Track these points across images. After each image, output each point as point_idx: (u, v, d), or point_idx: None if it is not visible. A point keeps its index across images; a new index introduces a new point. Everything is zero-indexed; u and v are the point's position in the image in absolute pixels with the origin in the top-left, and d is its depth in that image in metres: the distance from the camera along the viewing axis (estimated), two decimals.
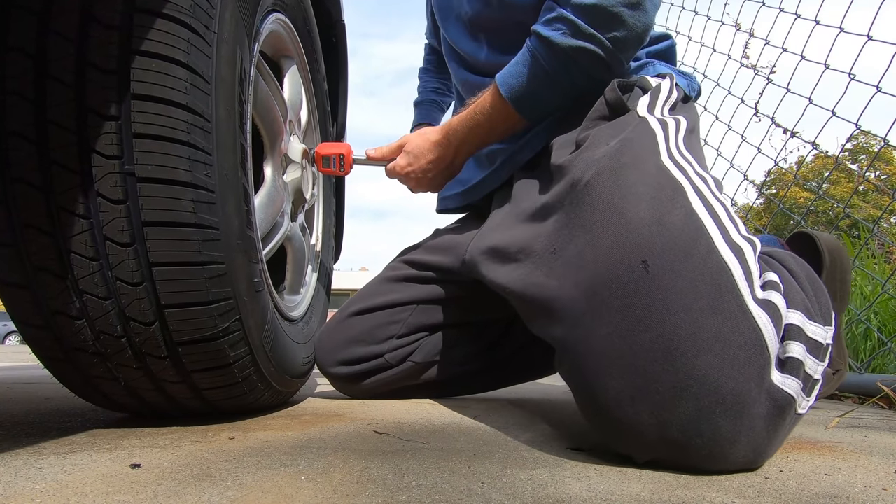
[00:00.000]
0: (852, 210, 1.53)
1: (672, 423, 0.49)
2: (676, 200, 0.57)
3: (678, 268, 0.51)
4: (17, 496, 0.40)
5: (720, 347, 0.48)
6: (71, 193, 0.53)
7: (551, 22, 0.79)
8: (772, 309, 0.51)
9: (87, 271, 0.55)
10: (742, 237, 0.56)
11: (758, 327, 0.50)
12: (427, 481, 0.45)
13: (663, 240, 0.53)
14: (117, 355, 0.59)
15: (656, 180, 0.59)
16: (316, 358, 0.99)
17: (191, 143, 0.54)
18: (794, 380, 0.51)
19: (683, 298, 0.50)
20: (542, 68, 0.80)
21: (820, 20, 1.44)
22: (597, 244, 0.57)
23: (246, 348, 0.64)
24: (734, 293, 0.50)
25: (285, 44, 0.95)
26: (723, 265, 0.52)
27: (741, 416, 0.48)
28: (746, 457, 0.49)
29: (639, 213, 0.56)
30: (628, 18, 0.77)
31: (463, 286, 0.97)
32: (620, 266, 0.53)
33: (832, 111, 1.39)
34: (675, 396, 0.48)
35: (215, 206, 0.57)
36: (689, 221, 0.55)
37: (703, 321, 0.49)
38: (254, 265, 0.66)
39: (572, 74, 0.80)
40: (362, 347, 0.96)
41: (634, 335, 0.51)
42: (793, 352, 0.52)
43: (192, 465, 0.49)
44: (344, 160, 1.02)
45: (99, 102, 0.52)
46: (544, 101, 0.84)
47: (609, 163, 0.62)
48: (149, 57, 0.52)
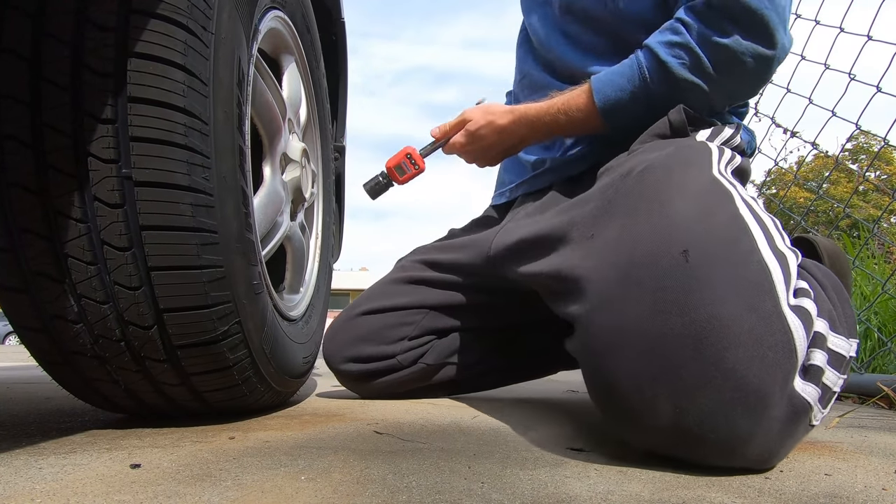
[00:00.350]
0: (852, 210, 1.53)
1: (689, 412, 0.48)
2: (724, 204, 0.56)
3: (718, 262, 0.51)
4: (17, 496, 0.40)
5: (752, 345, 0.47)
6: (68, 198, 0.53)
7: (672, 46, 0.76)
8: (804, 315, 0.51)
9: (84, 275, 0.54)
10: (787, 247, 0.56)
11: (790, 331, 0.49)
12: (427, 481, 0.45)
13: (706, 234, 0.52)
14: (116, 359, 0.59)
15: (706, 185, 0.58)
16: (324, 354, 1.00)
17: (188, 146, 0.54)
18: (814, 387, 0.50)
19: (722, 290, 0.49)
20: (647, 88, 0.78)
21: (820, 20, 1.44)
22: (636, 230, 0.56)
23: (245, 350, 0.64)
24: (772, 295, 0.50)
25: (284, 41, 0.94)
26: (764, 266, 0.51)
27: (760, 417, 0.47)
28: (758, 457, 0.49)
29: (684, 208, 0.55)
30: (751, 71, 0.75)
31: (478, 292, 0.98)
32: (660, 251, 0.53)
33: (832, 111, 1.38)
34: (697, 385, 0.48)
35: (214, 210, 0.57)
36: (735, 223, 0.54)
37: (739, 316, 0.48)
38: (253, 267, 0.65)
39: (673, 102, 0.78)
40: (372, 346, 0.97)
41: (665, 318, 0.49)
42: (815, 359, 0.52)
43: (192, 465, 0.49)
44: (413, 158, 1.00)
45: (95, 105, 0.52)
46: (633, 117, 0.81)
47: (662, 160, 0.62)
48: (145, 59, 0.52)
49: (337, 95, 1.36)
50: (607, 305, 0.54)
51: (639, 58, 0.79)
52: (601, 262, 0.58)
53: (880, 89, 1.24)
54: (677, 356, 0.48)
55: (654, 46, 0.78)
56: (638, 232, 0.56)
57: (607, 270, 0.56)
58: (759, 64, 0.75)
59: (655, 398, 0.49)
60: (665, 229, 0.54)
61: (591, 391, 0.57)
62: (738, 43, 0.73)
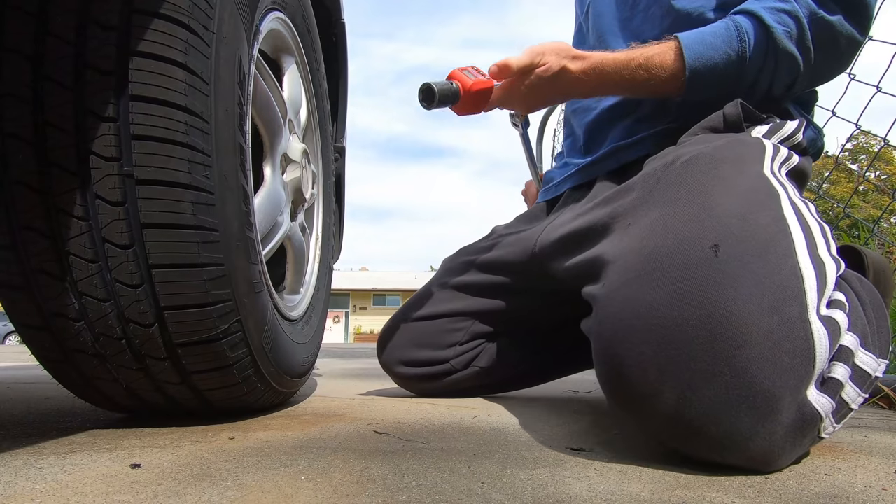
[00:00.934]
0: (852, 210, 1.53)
1: (693, 403, 0.48)
2: (768, 204, 0.55)
3: (749, 261, 0.50)
4: (17, 496, 0.40)
5: (768, 347, 0.47)
6: (69, 195, 0.53)
7: (779, 12, 0.73)
8: (833, 326, 0.50)
9: (86, 273, 0.54)
10: (829, 255, 0.55)
11: (812, 339, 0.48)
12: (427, 481, 0.45)
13: (742, 232, 0.51)
14: (117, 357, 0.59)
15: (754, 182, 0.57)
16: (379, 357, 1.05)
17: (190, 144, 0.54)
18: (828, 400, 0.50)
19: (745, 289, 0.48)
20: (743, 53, 0.74)
21: None
22: (672, 219, 0.55)
23: (246, 349, 0.64)
24: (799, 301, 0.49)
25: (285, 42, 0.95)
26: (797, 272, 0.50)
27: (765, 419, 0.47)
28: (757, 458, 0.48)
29: (725, 203, 0.54)
30: (844, 53, 0.75)
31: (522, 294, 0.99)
32: (689, 242, 0.52)
33: (832, 111, 1.39)
34: (705, 378, 0.47)
35: (214, 208, 0.57)
36: (776, 224, 0.53)
37: (758, 316, 0.47)
38: (253, 266, 0.66)
39: (759, 72, 0.75)
40: (427, 351, 1.01)
41: (683, 308, 0.49)
42: (836, 373, 0.51)
43: (192, 465, 0.49)
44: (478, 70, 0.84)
45: (97, 104, 0.52)
46: (715, 82, 0.77)
47: (710, 152, 0.60)
48: (147, 58, 0.52)
49: (337, 96, 1.37)
50: (626, 287, 0.54)
51: (736, 21, 0.75)
52: (629, 247, 0.57)
53: (880, 89, 1.24)
54: (689, 347, 0.48)
55: (757, 10, 0.74)
56: (673, 220, 0.55)
57: (633, 255, 0.55)
58: (850, 48, 0.74)
59: (661, 386, 0.49)
60: (700, 221, 0.53)
61: (598, 372, 0.57)
62: (841, 23, 0.72)
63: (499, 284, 1.01)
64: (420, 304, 1.06)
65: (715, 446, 0.48)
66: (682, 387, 0.48)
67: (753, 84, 0.77)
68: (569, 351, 1.07)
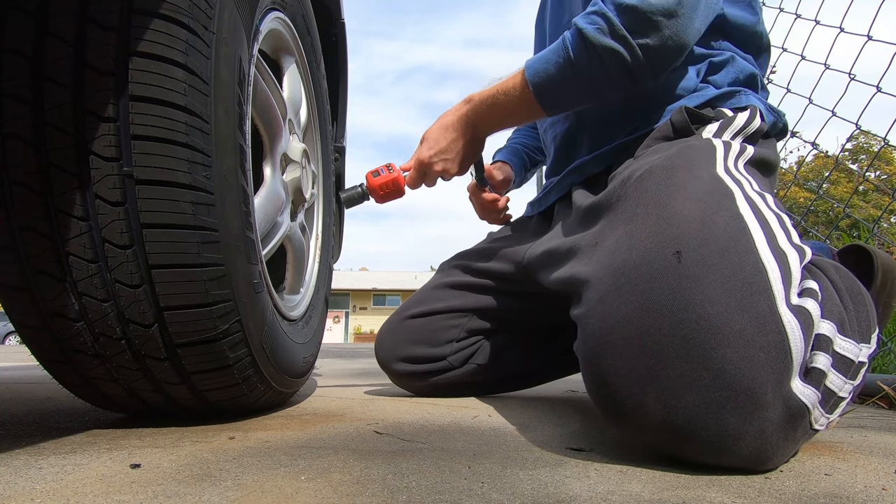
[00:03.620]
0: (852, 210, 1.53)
1: (678, 410, 0.48)
2: (724, 204, 0.56)
3: (712, 262, 0.51)
4: (17, 496, 0.40)
5: (742, 345, 0.47)
6: (69, 196, 0.53)
7: (588, 15, 0.79)
8: (804, 315, 0.50)
9: (85, 273, 0.54)
10: (791, 244, 0.55)
11: (784, 332, 0.49)
12: (427, 481, 0.45)
13: (702, 235, 0.53)
14: (117, 357, 0.59)
15: (707, 185, 0.59)
16: (377, 355, 1.06)
17: (189, 144, 0.54)
18: (812, 390, 0.50)
19: (711, 291, 0.49)
20: (570, 59, 0.80)
21: (820, 20, 1.44)
22: (634, 233, 0.57)
23: (246, 349, 0.64)
24: (766, 295, 0.49)
25: (285, 42, 0.95)
26: (759, 266, 0.51)
27: (751, 417, 0.47)
28: (751, 457, 0.48)
29: (682, 210, 0.56)
30: (664, 28, 0.76)
31: (516, 296, 1.02)
32: (653, 253, 0.53)
33: (832, 111, 1.39)
34: (685, 384, 0.48)
35: (214, 208, 0.57)
36: (733, 223, 0.54)
37: (728, 316, 0.48)
38: (253, 266, 0.66)
39: (595, 73, 0.79)
40: (424, 348, 1.02)
41: (654, 318, 0.50)
42: (817, 362, 0.51)
43: (192, 465, 0.49)
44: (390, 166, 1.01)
45: (97, 104, 0.52)
46: (564, 95, 0.84)
47: (662, 163, 0.63)
48: (147, 58, 0.52)
49: (337, 96, 1.37)
50: (601, 306, 0.55)
51: (564, 34, 0.82)
52: (600, 265, 0.59)
53: (880, 89, 1.24)
54: (665, 355, 0.49)
55: (575, 20, 0.80)
56: (636, 235, 0.57)
57: (604, 273, 0.58)
58: (670, 18, 0.75)
59: (645, 396, 0.50)
60: (660, 231, 0.55)
61: (588, 390, 0.58)
62: (645, 3, 0.75)
63: (493, 287, 1.04)
64: (417, 303, 1.07)
65: (707, 449, 0.49)
66: (666, 395, 0.49)
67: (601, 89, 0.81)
68: (567, 353, 1.08)
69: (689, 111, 0.76)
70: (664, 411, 0.49)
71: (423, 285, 1.14)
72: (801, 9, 1.53)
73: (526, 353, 1.07)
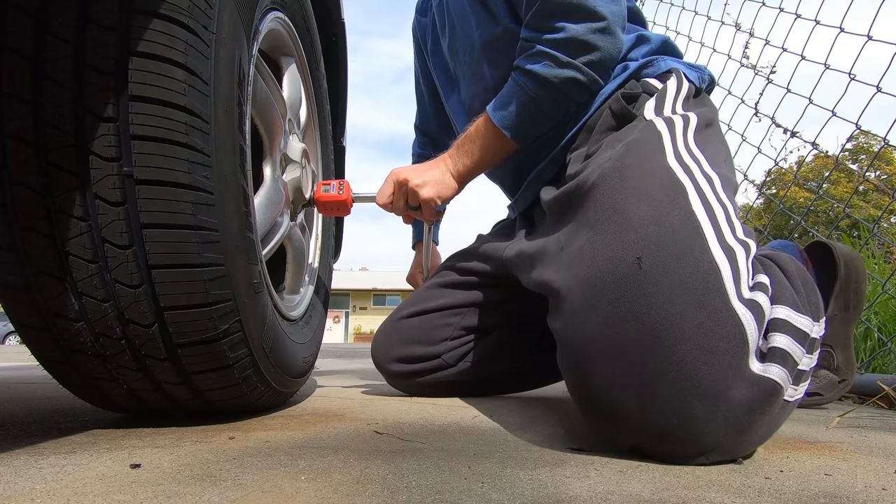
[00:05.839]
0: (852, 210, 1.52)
1: (652, 406, 0.52)
2: (677, 201, 0.60)
3: (670, 265, 0.55)
4: (17, 496, 0.40)
5: (701, 338, 0.52)
6: (69, 196, 0.53)
7: (532, 57, 0.85)
8: (755, 308, 0.55)
9: (85, 273, 0.54)
10: (737, 240, 0.60)
11: (740, 323, 0.53)
12: (427, 481, 0.45)
13: (659, 239, 0.57)
14: (117, 357, 0.59)
15: (659, 180, 0.62)
16: (373, 357, 1.07)
17: (189, 144, 0.54)
18: (778, 367, 0.54)
19: (670, 293, 0.54)
20: (530, 97, 0.87)
21: (820, 20, 1.44)
22: (596, 241, 0.61)
23: (246, 349, 0.64)
24: (720, 292, 0.54)
25: (284, 42, 0.95)
26: (713, 266, 0.55)
27: (717, 401, 0.51)
28: (723, 442, 0.52)
29: (639, 213, 0.59)
30: (599, 42, 0.82)
31: (504, 289, 1.02)
32: (616, 261, 0.57)
33: (832, 111, 1.39)
34: (655, 381, 0.52)
35: (214, 208, 0.57)
36: (687, 222, 0.58)
37: (686, 314, 0.52)
38: (253, 266, 0.65)
39: (556, 100, 0.86)
40: (420, 347, 1.03)
41: (622, 324, 0.54)
42: (777, 342, 0.56)
43: (192, 465, 0.49)
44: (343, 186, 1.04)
45: (97, 104, 0.52)
46: (536, 127, 0.90)
47: (613, 165, 0.66)
48: (147, 58, 0.52)
49: (337, 95, 1.37)
50: (575, 319, 0.59)
51: (513, 77, 0.89)
52: (569, 274, 0.63)
53: (880, 89, 1.24)
54: (635, 357, 0.53)
55: (519, 64, 0.88)
56: (598, 243, 0.61)
57: (573, 283, 0.61)
58: (603, 34, 0.82)
59: (622, 398, 0.54)
60: (620, 238, 0.59)
61: (573, 398, 0.62)
62: (572, 30, 0.82)
63: (479, 283, 1.05)
64: (411, 304, 1.08)
65: (684, 440, 0.52)
66: (640, 393, 0.53)
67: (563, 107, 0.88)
68: None
69: (625, 94, 0.81)
70: (640, 408, 0.53)
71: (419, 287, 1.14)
72: (801, 9, 1.53)
73: (521, 352, 1.07)
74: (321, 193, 1.03)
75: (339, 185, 1.04)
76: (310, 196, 1.04)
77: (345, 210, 1.06)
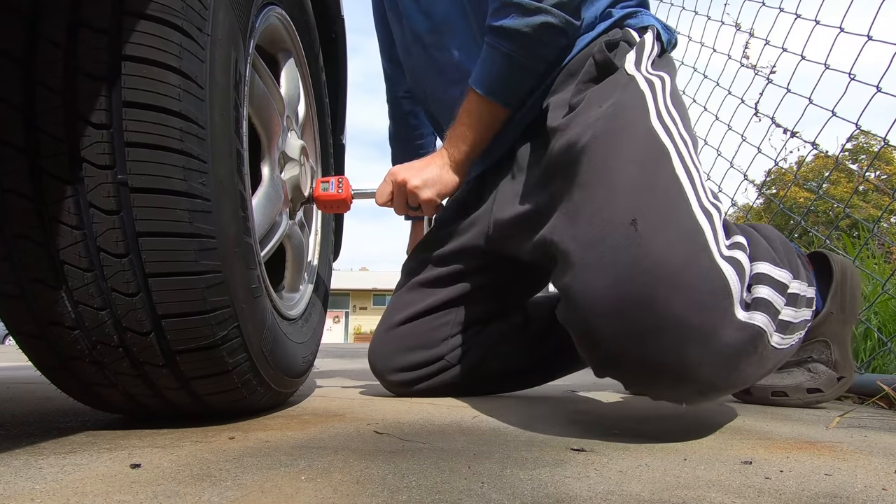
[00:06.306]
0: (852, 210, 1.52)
1: (651, 354, 0.59)
2: (663, 164, 0.65)
3: (661, 225, 0.60)
4: (17, 496, 0.40)
5: (692, 293, 0.58)
6: (63, 204, 0.52)
7: (499, 13, 0.83)
8: (736, 264, 0.61)
9: (81, 282, 0.54)
10: (711, 203, 0.65)
11: (725, 277, 0.59)
12: (427, 481, 0.45)
13: (652, 200, 0.62)
14: (115, 364, 0.58)
15: (646, 143, 0.67)
16: (372, 369, 1.04)
17: (185, 151, 0.53)
18: (761, 314, 0.61)
19: (665, 254, 0.58)
20: (506, 55, 0.84)
21: (820, 20, 1.44)
22: (591, 202, 0.65)
23: (244, 354, 0.63)
24: (706, 251, 0.60)
25: (282, 38, 0.93)
26: (698, 226, 0.61)
27: (707, 344, 0.57)
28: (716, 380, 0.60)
29: (629, 176, 0.64)
30: None
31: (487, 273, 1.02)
32: (613, 225, 0.62)
33: (832, 111, 1.38)
34: (653, 333, 0.58)
35: (211, 215, 0.56)
36: (674, 185, 0.64)
37: (680, 274, 0.58)
38: (251, 271, 0.65)
39: (534, 51, 0.84)
40: (421, 353, 1.01)
41: (623, 286, 0.59)
42: (759, 293, 0.63)
43: (192, 465, 0.49)
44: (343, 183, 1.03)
45: (89, 110, 0.50)
46: (519, 85, 0.88)
47: (604, 126, 0.69)
48: (140, 62, 0.51)
49: (336, 92, 1.36)
50: (577, 282, 0.64)
51: (486, 39, 0.86)
52: (571, 234, 0.66)
53: (880, 89, 1.24)
54: (635, 314, 0.59)
55: (489, 23, 0.85)
56: (592, 204, 0.65)
57: (575, 246, 0.65)
58: None
59: (625, 346, 0.60)
60: (614, 201, 0.63)
61: (578, 347, 0.67)
62: None
63: (465, 270, 1.03)
64: (398, 310, 1.05)
65: (680, 381, 0.59)
66: (640, 343, 0.59)
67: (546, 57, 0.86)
68: (560, 351, 1.08)
69: (608, 43, 0.81)
70: (640, 356, 0.60)
71: (395, 292, 1.09)
72: (801, 9, 1.53)
73: (520, 347, 1.06)
74: (320, 192, 1.02)
75: (339, 182, 1.03)
76: (309, 193, 1.03)
77: (344, 207, 1.05)
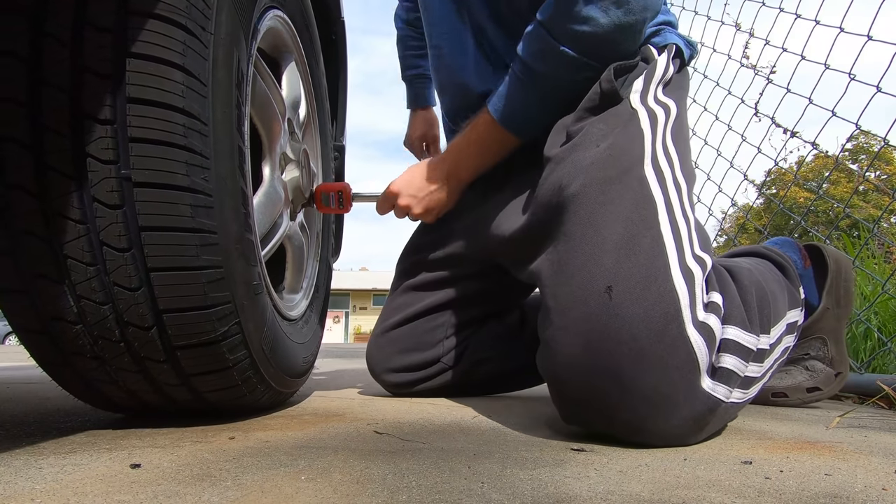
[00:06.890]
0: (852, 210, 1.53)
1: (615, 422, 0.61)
2: (648, 220, 0.64)
3: (637, 294, 0.60)
4: (17, 496, 0.40)
5: (659, 369, 0.58)
6: (67, 199, 0.52)
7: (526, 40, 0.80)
8: (707, 332, 0.61)
9: (84, 277, 0.54)
10: (695, 258, 0.64)
11: (693, 351, 0.60)
12: (427, 481, 0.45)
13: (630, 266, 0.61)
14: (116, 359, 0.59)
15: (635, 198, 0.66)
16: (370, 371, 1.05)
17: (188, 146, 0.54)
18: (723, 387, 0.63)
19: (636, 327, 0.59)
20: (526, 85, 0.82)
21: (820, 20, 1.44)
22: (574, 258, 0.65)
23: (245, 351, 0.64)
24: (678, 321, 0.60)
25: (283, 40, 0.94)
26: (674, 295, 0.60)
27: (671, 414, 0.59)
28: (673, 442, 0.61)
29: (614, 235, 0.63)
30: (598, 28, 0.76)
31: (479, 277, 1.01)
32: (588, 289, 0.62)
33: (832, 111, 1.38)
34: (619, 407, 0.60)
35: (213, 210, 0.56)
36: (655, 246, 0.63)
37: (650, 349, 0.58)
38: (252, 268, 0.65)
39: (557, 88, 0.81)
40: (417, 355, 1.01)
41: (592, 356, 0.60)
42: (724, 362, 0.63)
43: (192, 465, 0.49)
44: (343, 197, 1.03)
45: (94, 106, 0.51)
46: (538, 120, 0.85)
47: (596, 174, 0.68)
48: (144, 60, 0.52)
49: (337, 94, 1.36)
50: (553, 343, 0.64)
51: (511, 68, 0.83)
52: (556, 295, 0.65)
53: (880, 89, 1.24)
54: (604, 387, 0.60)
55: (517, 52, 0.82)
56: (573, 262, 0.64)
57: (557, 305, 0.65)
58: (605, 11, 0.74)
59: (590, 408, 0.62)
60: (594, 261, 0.63)
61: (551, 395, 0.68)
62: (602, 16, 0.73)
63: (457, 274, 1.03)
64: (391, 313, 1.05)
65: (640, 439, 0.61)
66: (607, 415, 0.61)
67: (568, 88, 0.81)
68: None
69: (617, 69, 0.77)
70: (608, 425, 0.62)
71: (389, 292, 1.10)
72: (801, 9, 1.53)
73: (518, 348, 1.06)
74: (321, 206, 1.03)
75: (339, 197, 1.02)
76: (309, 195, 1.03)
77: (344, 212, 1.07)
